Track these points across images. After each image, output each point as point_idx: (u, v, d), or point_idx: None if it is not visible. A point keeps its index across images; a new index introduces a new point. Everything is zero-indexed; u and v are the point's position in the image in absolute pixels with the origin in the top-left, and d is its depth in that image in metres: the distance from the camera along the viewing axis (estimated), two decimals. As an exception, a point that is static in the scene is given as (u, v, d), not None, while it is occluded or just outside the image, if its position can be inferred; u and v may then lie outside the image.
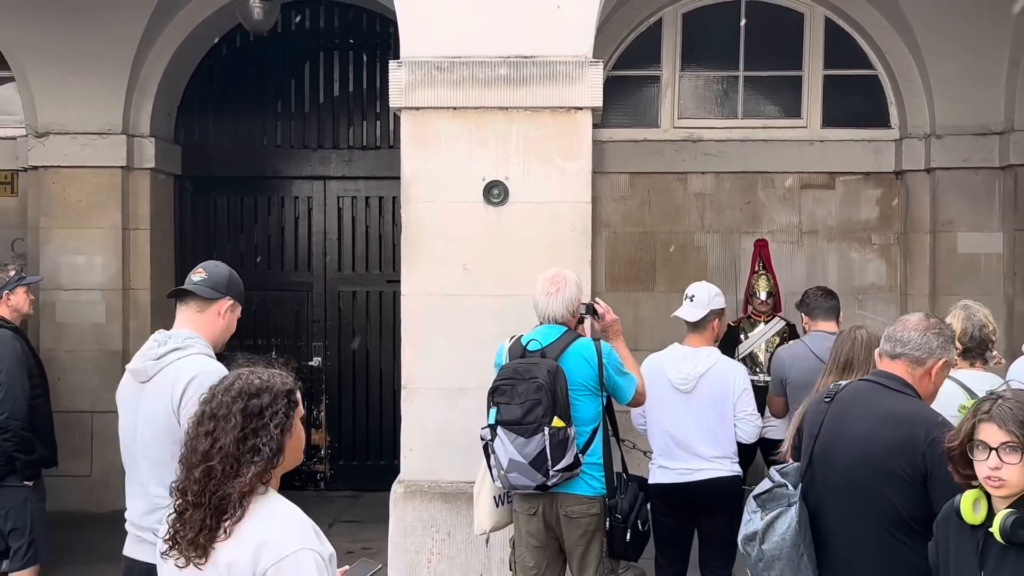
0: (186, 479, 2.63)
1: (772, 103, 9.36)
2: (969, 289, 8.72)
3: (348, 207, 9.73)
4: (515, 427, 4.52)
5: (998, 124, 8.74)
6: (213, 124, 9.77)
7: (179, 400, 3.65)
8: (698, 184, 9.22)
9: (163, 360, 3.76)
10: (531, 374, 4.54)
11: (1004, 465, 2.81)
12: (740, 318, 8.22)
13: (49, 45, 8.69)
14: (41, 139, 8.94)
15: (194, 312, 3.92)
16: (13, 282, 5.63)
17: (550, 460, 4.48)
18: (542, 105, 5.92)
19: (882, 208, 9.22)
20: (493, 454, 4.64)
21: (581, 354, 4.68)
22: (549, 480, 4.54)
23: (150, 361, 3.76)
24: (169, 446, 3.51)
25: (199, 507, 2.57)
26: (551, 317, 4.75)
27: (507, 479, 4.63)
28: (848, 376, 4.20)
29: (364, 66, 9.64)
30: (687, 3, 9.21)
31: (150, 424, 3.73)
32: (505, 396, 4.58)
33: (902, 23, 8.73)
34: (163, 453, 3.60)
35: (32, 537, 5.47)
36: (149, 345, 3.84)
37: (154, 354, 3.78)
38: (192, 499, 2.59)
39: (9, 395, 5.33)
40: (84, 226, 8.95)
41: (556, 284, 4.75)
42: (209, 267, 3.97)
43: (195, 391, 3.43)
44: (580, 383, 4.63)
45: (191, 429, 2.69)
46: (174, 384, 3.69)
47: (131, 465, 3.83)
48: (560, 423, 4.48)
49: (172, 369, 3.74)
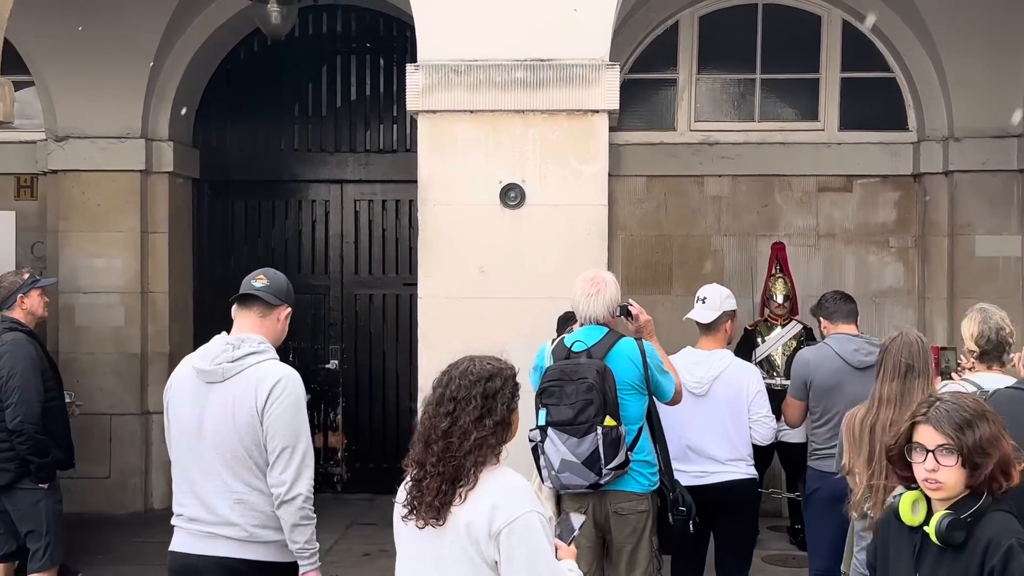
0: (424, 452, 2.97)
1: (789, 106, 9.33)
2: (987, 292, 8.66)
3: (365, 210, 9.74)
4: (567, 427, 4.52)
5: (1017, 127, 8.69)
6: (231, 128, 9.80)
7: (264, 401, 3.76)
8: (715, 187, 9.19)
9: (241, 363, 3.84)
10: (579, 374, 4.56)
11: (940, 467, 2.82)
12: (757, 322, 8.20)
13: (68, 50, 8.73)
14: (60, 143, 8.99)
15: (257, 317, 3.99)
16: (27, 285, 5.64)
17: (603, 459, 4.50)
18: (559, 108, 5.91)
19: (900, 211, 9.17)
20: (543, 455, 4.64)
21: (626, 354, 4.69)
22: (601, 479, 4.55)
23: (227, 363, 3.84)
24: (248, 444, 3.75)
25: (436, 476, 2.93)
26: (592, 318, 4.74)
27: (559, 479, 4.64)
28: (911, 380, 4.16)
29: (381, 70, 9.66)
30: (704, 6, 9.19)
31: (227, 422, 3.80)
32: (554, 397, 4.58)
33: (920, 26, 8.69)
34: (240, 450, 3.77)
35: (49, 539, 5.48)
36: (220, 348, 3.90)
37: (229, 356, 3.85)
38: (430, 469, 2.94)
39: (23, 399, 5.33)
40: (103, 229, 8.99)
41: (596, 285, 4.75)
42: (269, 274, 4.06)
43: (280, 393, 3.75)
44: (626, 382, 4.64)
45: (429, 409, 3.04)
46: (258, 386, 3.79)
47: (189, 461, 3.88)
48: (611, 422, 4.50)
49: (252, 372, 3.83)
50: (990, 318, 4.51)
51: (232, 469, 3.80)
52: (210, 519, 3.81)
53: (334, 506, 9.10)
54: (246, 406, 3.78)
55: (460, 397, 3.00)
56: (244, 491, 3.79)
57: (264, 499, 3.81)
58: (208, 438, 3.83)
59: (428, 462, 2.95)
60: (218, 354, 3.88)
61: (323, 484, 9.63)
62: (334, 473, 9.69)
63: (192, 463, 3.88)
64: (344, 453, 9.70)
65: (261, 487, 3.81)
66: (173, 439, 3.96)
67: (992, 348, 4.45)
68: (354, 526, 8.45)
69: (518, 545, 2.87)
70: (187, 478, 3.90)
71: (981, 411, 2.87)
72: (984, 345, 4.44)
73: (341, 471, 9.70)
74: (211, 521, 3.81)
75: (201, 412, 3.86)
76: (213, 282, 9.79)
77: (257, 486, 3.81)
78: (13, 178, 9.23)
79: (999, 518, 2.83)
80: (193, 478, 3.87)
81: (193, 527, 3.87)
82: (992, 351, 4.45)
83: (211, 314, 9.73)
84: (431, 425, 2.99)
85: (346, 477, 9.68)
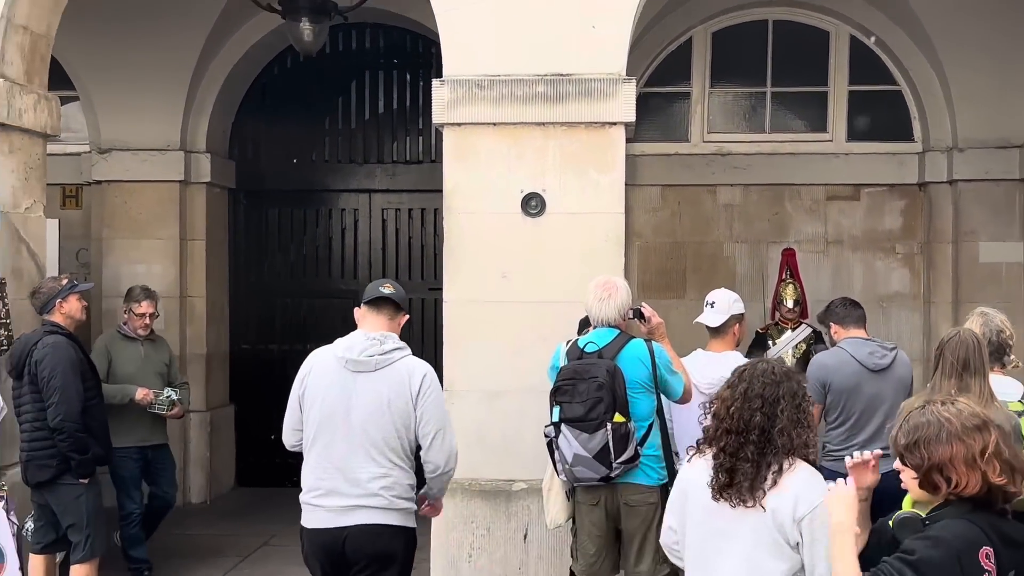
0: (738, 443, 3.17)
1: (798, 118, 9.32)
2: (990, 297, 8.62)
3: (392, 219, 9.79)
4: (579, 424, 4.60)
5: (1018, 137, 8.66)
6: (265, 140, 9.87)
7: (417, 391, 4.19)
8: (727, 196, 9.20)
9: (389, 356, 4.22)
10: (591, 374, 4.63)
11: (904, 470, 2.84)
12: (768, 325, 8.19)
13: (111, 67, 8.82)
14: (104, 155, 9.09)
15: (387, 319, 4.36)
16: (66, 290, 5.70)
17: (613, 453, 4.57)
18: (578, 120, 5.95)
19: (906, 219, 9.15)
20: (558, 450, 4.72)
21: (636, 355, 4.74)
22: (612, 472, 4.62)
23: (377, 356, 4.20)
24: (399, 427, 4.17)
25: (753, 465, 3.14)
26: (604, 321, 4.82)
27: (572, 472, 4.71)
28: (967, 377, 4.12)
29: (407, 85, 9.72)
30: (716, 22, 9.20)
31: (381, 408, 4.16)
32: (567, 395, 4.66)
33: (925, 41, 8.68)
34: (391, 432, 4.17)
35: (89, 531, 5.53)
36: (366, 344, 4.23)
37: (378, 350, 4.21)
38: (749, 458, 3.14)
39: (63, 398, 5.38)
40: (144, 237, 9.07)
41: (608, 290, 4.84)
42: (393, 283, 4.48)
43: (430, 384, 4.23)
44: (636, 382, 4.70)
45: (736, 404, 3.24)
46: (411, 377, 4.21)
47: (334, 440, 4.18)
48: (621, 419, 4.57)
49: (402, 365, 4.24)
50: (991, 321, 4.52)
51: (380, 449, 4.15)
52: (355, 492, 4.14)
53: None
54: (402, 394, 4.17)
55: (767, 395, 3.21)
56: (388, 467, 4.17)
57: (403, 474, 4.22)
58: (357, 421, 4.16)
59: (745, 452, 3.16)
60: (366, 347, 4.22)
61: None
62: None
63: (338, 442, 4.17)
64: (372, 450, 9.72)
65: (403, 465, 4.21)
66: (314, 420, 4.23)
67: (994, 350, 4.45)
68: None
69: (819, 529, 3.03)
70: (330, 455, 4.19)
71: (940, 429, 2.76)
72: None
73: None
74: (356, 494, 4.14)
75: (349, 398, 4.18)
76: (248, 287, 9.88)
77: (399, 464, 4.20)
78: (59, 188, 9.31)
79: (951, 525, 2.70)
80: (339, 455, 4.17)
81: (333, 502, 4.16)
82: (994, 353, 4.45)
83: (246, 317, 9.85)
84: (741, 418, 3.19)
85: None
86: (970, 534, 2.64)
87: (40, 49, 6.42)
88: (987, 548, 2.63)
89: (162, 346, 7.12)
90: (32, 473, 5.54)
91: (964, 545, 2.62)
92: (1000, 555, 2.65)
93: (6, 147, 6.13)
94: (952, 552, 2.62)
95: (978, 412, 2.83)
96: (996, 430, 2.77)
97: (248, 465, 9.86)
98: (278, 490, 9.60)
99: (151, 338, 6.92)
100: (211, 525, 8.44)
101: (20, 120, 6.16)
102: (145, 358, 6.71)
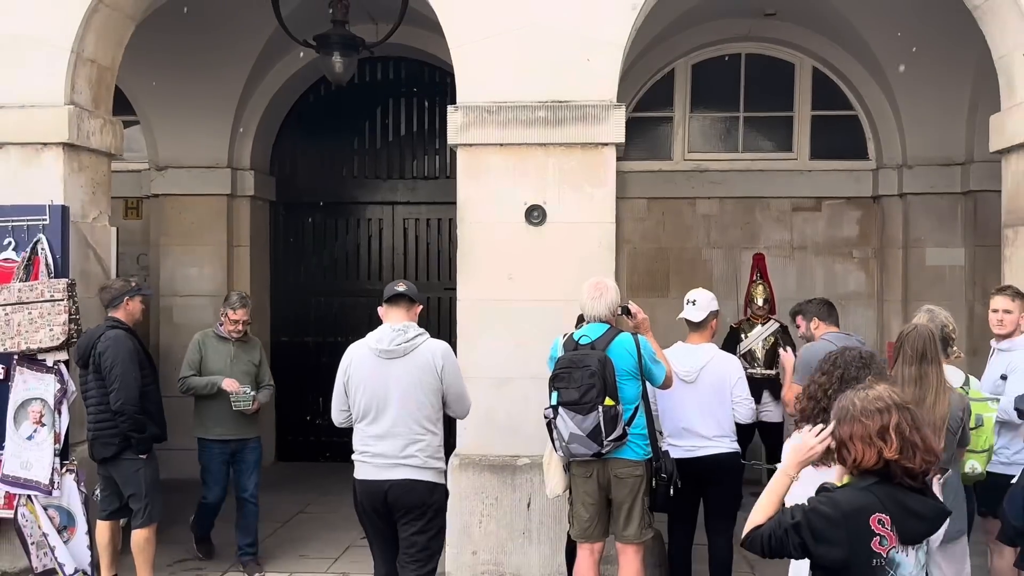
0: None
1: (768, 139, 9.31)
2: (936, 296, 8.62)
3: (412, 227, 9.79)
4: (574, 407, 4.60)
5: (960, 156, 8.65)
6: (302, 159, 9.88)
7: (441, 366, 4.50)
8: (705, 207, 9.19)
9: (414, 342, 4.50)
10: (584, 363, 4.63)
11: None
12: (741, 321, 8.19)
13: (167, 95, 8.83)
14: (161, 172, 9.10)
15: (405, 311, 4.62)
16: (133, 291, 5.71)
17: (604, 432, 4.58)
18: (574, 141, 5.94)
19: (861, 227, 9.14)
20: (556, 430, 4.72)
21: (624, 346, 4.74)
22: (603, 449, 4.62)
23: (404, 343, 4.48)
24: (430, 397, 4.49)
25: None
26: (596, 317, 4.82)
27: (568, 449, 4.71)
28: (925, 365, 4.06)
29: (425, 110, 9.71)
30: (696, 56, 9.20)
31: (415, 384, 4.47)
32: (564, 382, 4.66)
33: (878, 72, 8.67)
34: (424, 402, 4.48)
35: (147, 500, 5.53)
36: (392, 335, 4.50)
37: (403, 339, 4.48)
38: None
39: (123, 384, 5.38)
40: (196, 243, 9.08)
41: (599, 290, 4.84)
42: (406, 282, 4.73)
43: (449, 359, 4.54)
44: (624, 370, 4.69)
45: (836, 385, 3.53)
46: (434, 357, 4.50)
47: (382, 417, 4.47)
48: (611, 402, 4.57)
49: (425, 347, 4.51)
50: (936, 317, 4.50)
51: (416, 419, 4.47)
52: (396, 454, 4.45)
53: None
54: (429, 372, 4.48)
55: (861, 377, 3.36)
56: (421, 433, 4.48)
57: (434, 438, 4.53)
58: (395, 398, 4.46)
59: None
60: (393, 338, 4.50)
61: (377, 455, 9.70)
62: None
63: (381, 417, 4.47)
64: (395, 429, 9.72)
65: (434, 430, 4.52)
66: (360, 401, 4.51)
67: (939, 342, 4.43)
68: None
69: None
70: (374, 427, 4.48)
71: (846, 412, 2.75)
72: None
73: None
74: (396, 455, 4.45)
75: (387, 380, 4.47)
76: (287, 287, 9.88)
77: (431, 429, 4.52)
78: (122, 201, 9.32)
79: (847, 492, 2.72)
80: (382, 427, 4.47)
81: (379, 461, 4.48)
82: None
83: (285, 313, 9.85)
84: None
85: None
86: (863, 501, 2.65)
87: (106, 80, 6.43)
88: (880, 515, 2.62)
89: (254, 347, 6.69)
90: (97, 450, 5.54)
91: (853, 509, 2.63)
92: (901, 523, 2.64)
93: (76, 165, 6.14)
94: (839, 512, 2.64)
95: (885, 396, 2.75)
96: (901, 412, 2.70)
97: (287, 442, 9.86)
98: (313, 464, 9.63)
99: (244, 339, 6.54)
100: (254, 495, 8.41)
101: (88, 142, 6.17)
102: (234, 357, 6.38)
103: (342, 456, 9.52)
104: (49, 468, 5.72)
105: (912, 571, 2.67)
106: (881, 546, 2.60)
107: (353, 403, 4.55)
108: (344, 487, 4.72)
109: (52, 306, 5.72)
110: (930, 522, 2.70)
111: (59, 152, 6.00)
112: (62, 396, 5.79)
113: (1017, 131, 5.69)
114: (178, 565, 6.39)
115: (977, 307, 8.43)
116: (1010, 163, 5.86)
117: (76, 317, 5.80)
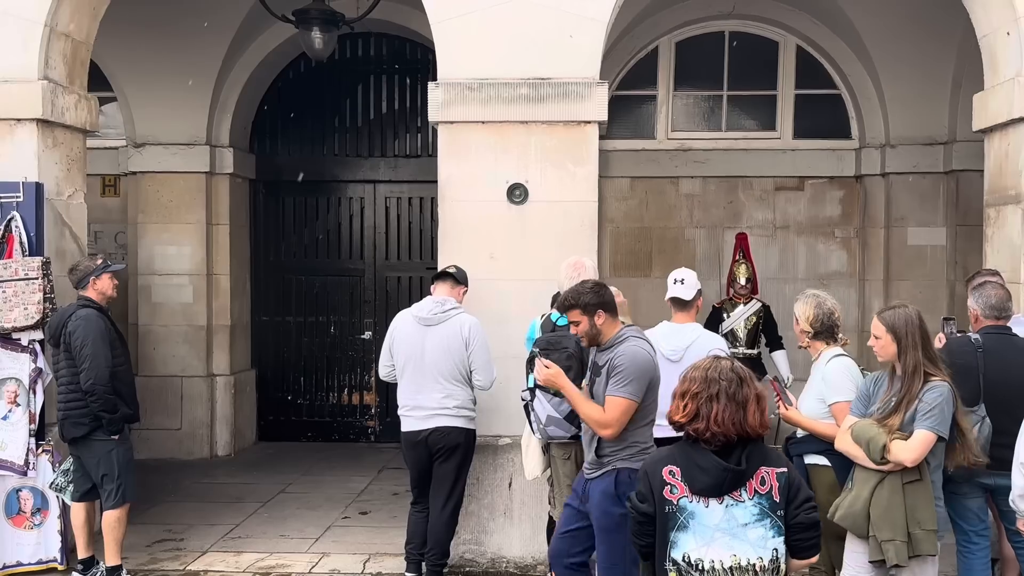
0: None
1: (751, 118, 9.28)
2: (917, 276, 8.67)
3: (394, 206, 9.73)
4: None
5: (943, 136, 8.65)
6: (282, 136, 9.78)
7: (468, 337, 5.24)
8: (688, 187, 9.16)
9: (447, 314, 5.27)
10: (562, 345, 4.61)
11: None
12: (723, 300, 8.16)
13: (145, 70, 8.71)
14: (139, 149, 8.99)
15: (450, 288, 5.42)
16: (99, 269, 5.59)
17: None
18: (556, 119, 5.89)
19: (844, 207, 9.14)
20: (533, 412, 4.69)
21: None
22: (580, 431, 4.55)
23: (439, 314, 5.26)
24: (457, 362, 5.24)
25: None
26: None
27: (545, 431, 4.69)
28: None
29: (407, 87, 9.63)
30: (679, 33, 9.14)
31: (444, 350, 5.24)
32: None
33: (862, 50, 8.64)
34: (453, 366, 5.24)
35: (120, 481, 5.46)
36: (432, 306, 5.30)
37: (440, 310, 5.26)
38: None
39: (93, 364, 5.30)
40: (174, 221, 8.99)
41: (577, 270, 4.84)
42: (457, 266, 5.54)
43: (476, 332, 5.25)
44: None
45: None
46: (462, 328, 5.25)
47: (415, 374, 5.28)
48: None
49: (456, 319, 5.27)
50: (823, 303, 4.47)
51: (446, 377, 5.25)
52: (432, 406, 5.26)
53: (368, 453, 9.12)
54: (457, 340, 5.24)
55: None
56: (452, 388, 5.26)
57: (463, 391, 5.29)
58: (430, 360, 5.25)
59: None
60: (432, 308, 5.28)
61: (359, 435, 9.67)
62: (368, 426, 9.71)
63: (418, 375, 5.26)
64: (376, 409, 9.71)
65: (462, 385, 5.29)
66: (401, 361, 5.32)
67: (825, 329, 4.45)
68: (385, 470, 8.48)
69: None
70: (415, 383, 5.28)
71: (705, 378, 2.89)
72: (818, 327, 4.44)
73: (374, 424, 9.71)
74: (432, 407, 5.26)
75: (424, 344, 5.26)
76: (267, 266, 9.80)
77: (459, 385, 5.28)
78: (100, 178, 9.22)
79: (657, 449, 3.17)
80: (419, 383, 5.26)
81: (418, 413, 5.28)
82: (825, 332, 4.46)
83: (266, 292, 9.79)
84: None
85: (379, 430, 9.69)
86: (660, 455, 3.00)
87: (80, 54, 6.31)
88: (671, 467, 2.88)
89: None
90: (67, 430, 5.47)
91: (651, 463, 2.97)
92: (689, 474, 2.85)
93: (50, 141, 6.04)
94: (643, 466, 3.01)
95: (705, 366, 2.91)
96: (704, 384, 2.85)
97: (268, 422, 9.82)
98: (294, 444, 9.59)
99: None
100: (235, 475, 8.40)
101: (62, 117, 6.07)
102: None
103: (323, 436, 9.71)
104: (24, 448, 5.66)
105: (720, 524, 2.81)
106: (672, 494, 2.85)
107: (396, 362, 5.35)
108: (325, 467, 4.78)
109: (27, 284, 5.64)
110: (713, 476, 2.83)
111: (33, 128, 5.90)
112: (37, 376, 5.72)
113: (1000, 110, 5.67)
114: (157, 545, 6.35)
115: (958, 286, 8.45)
116: (993, 142, 5.85)
117: (51, 296, 5.72)
